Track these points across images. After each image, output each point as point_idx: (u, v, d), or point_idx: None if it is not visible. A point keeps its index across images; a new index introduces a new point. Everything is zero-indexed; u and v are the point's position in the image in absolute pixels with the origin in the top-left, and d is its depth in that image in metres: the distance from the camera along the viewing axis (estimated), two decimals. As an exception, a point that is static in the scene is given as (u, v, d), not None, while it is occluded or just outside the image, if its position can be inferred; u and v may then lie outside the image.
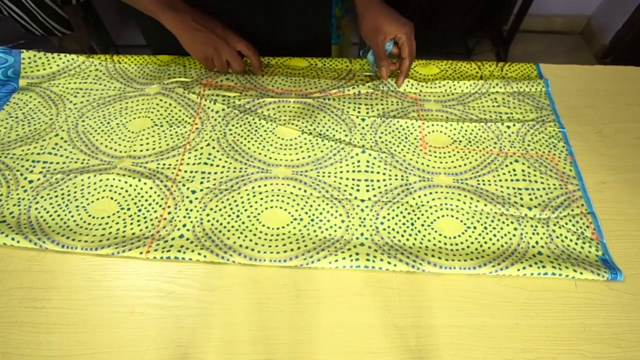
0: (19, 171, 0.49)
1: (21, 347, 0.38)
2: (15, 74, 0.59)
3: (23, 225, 0.44)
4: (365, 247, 0.44)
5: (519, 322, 0.40)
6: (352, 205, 0.47)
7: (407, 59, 0.55)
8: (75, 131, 0.54)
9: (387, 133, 0.55)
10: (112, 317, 0.40)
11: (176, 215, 0.46)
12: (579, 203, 0.48)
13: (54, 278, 0.42)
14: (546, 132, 0.55)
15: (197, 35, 0.55)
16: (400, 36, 0.53)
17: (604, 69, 0.64)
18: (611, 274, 0.42)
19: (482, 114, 0.57)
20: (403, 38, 0.53)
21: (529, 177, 0.50)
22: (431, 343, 0.39)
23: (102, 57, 0.62)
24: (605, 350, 0.38)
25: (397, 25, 0.53)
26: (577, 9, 1.77)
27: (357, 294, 0.41)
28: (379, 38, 0.54)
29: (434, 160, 0.52)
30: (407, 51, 0.54)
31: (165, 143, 0.53)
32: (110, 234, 0.44)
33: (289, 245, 0.44)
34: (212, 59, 0.57)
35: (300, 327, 0.39)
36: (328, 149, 0.53)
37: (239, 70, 0.59)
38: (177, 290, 0.41)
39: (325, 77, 0.61)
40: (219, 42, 0.56)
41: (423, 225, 0.46)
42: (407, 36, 0.53)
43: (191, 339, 0.38)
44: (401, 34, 0.53)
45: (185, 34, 0.55)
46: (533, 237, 0.45)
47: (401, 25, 0.53)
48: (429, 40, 1.75)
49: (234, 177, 0.50)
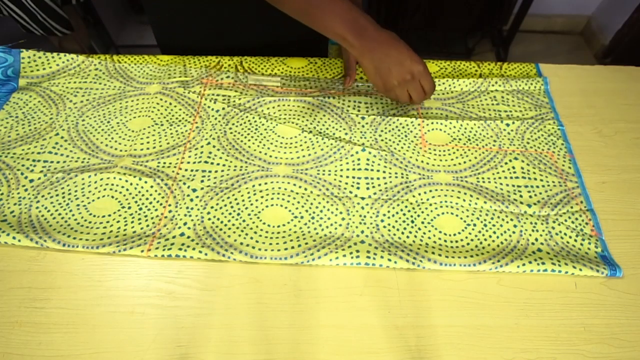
0: (20, 170, 0.49)
1: (21, 347, 0.38)
2: (15, 74, 0.59)
3: (24, 224, 0.44)
4: (366, 244, 0.44)
5: (519, 322, 0.40)
6: (352, 203, 0.47)
7: None
8: (76, 130, 0.54)
9: (387, 131, 0.55)
10: (112, 317, 0.40)
11: (177, 214, 0.46)
12: (578, 200, 0.48)
13: (54, 278, 0.42)
14: (545, 130, 0.55)
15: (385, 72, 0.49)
16: None
17: (604, 69, 0.64)
18: (610, 270, 0.42)
19: (481, 112, 0.57)
20: None
21: (528, 174, 0.50)
22: (431, 343, 0.39)
23: (102, 56, 0.62)
24: (605, 350, 0.38)
25: None
26: (577, 9, 1.77)
27: (357, 294, 0.41)
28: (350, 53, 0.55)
29: (433, 158, 0.52)
30: None
31: (165, 142, 0.53)
32: (111, 232, 0.44)
33: (289, 242, 0.44)
34: (395, 89, 0.51)
35: (300, 327, 0.39)
36: (328, 147, 0.53)
37: (418, 103, 0.54)
38: (177, 290, 0.41)
39: (325, 76, 0.61)
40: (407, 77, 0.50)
41: (423, 223, 0.46)
42: None
43: (191, 339, 0.38)
44: None
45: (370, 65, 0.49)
46: (532, 234, 0.45)
47: None
48: (429, 40, 1.75)
49: (235, 175, 0.50)
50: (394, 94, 0.51)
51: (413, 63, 0.49)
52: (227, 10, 0.58)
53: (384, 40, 0.48)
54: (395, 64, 0.48)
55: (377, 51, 0.48)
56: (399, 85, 0.50)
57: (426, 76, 0.50)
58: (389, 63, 0.48)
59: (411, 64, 0.49)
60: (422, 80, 0.50)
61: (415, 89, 0.51)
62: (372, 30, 0.48)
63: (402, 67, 0.49)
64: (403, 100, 0.52)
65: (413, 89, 0.50)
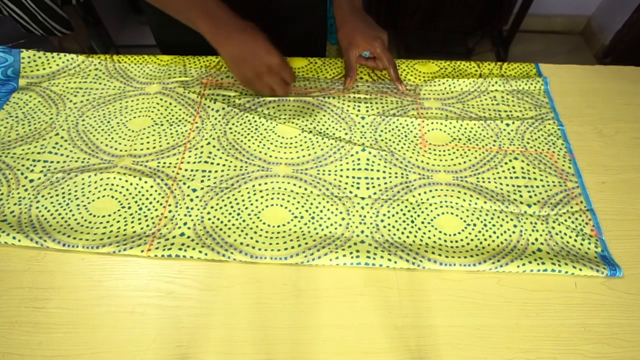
0: (20, 170, 0.49)
1: (21, 347, 0.38)
2: (15, 74, 0.59)
3: (24, 224, 0.44)
4: (366, 244, 0.44)
5: (519, 322, 0.40)
6: (352, 203, 0.47)
7: (389, 67, 0.58)
8: (76, 130, 0.54)
9: (387, 131, 0.55)
10: (112, 317, 0.40)
11: (177, 214, 0.46)
12: (578, 200, 0.48)
13: (54, 278, 0.42)
14: (545, 130, 0.55)
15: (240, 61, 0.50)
16: (374, 50, 0.57)
17: (604, 69, 0.64)
18: (610, 270, 0.42)
19: (481, 112, 0.57)
20: (377, 51, 0.57)
21: (528, 174, 0.50)
22: (431, 343, 0.39)
23: (102, 56, 0.62)
24: (605, 350, 0.38)
25: (369, 39, 0.57)
26: (577, 9, 1.77)
27: (357, 294, 0.41)
28: (351, 52, 0.57)
29: (433, 158, 0.52)
30: (385, 61, 0.58)
31: (165, 142, 0.53)
32: (112, 232, 0.44)
33: (289, 242, 0.44)
34: (253, 82, 0.53)
35: (300, 327, 0.39)
36: (328, 147, 0.53)
37: (283, 95, 0.55)
38: (177, 290, 0.41)
39: (325, 76, 0.61)
40: (262, 69, 0.51)
41: (423, 223, 0.46)
42: (380, 48, 0.57)
43: (191, 339, 0.38)
44: (374, 47, 0.57)
45: (227, 55, 0.50)
46: (532, 234, 0.45)
47: (373, 40, 0.57)
48: (429, 40, 1.75)
49: (235, 175, 0.50)
50: (252, 87, 0.53)
51: (268, 56, 0.49)
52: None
53: (240, 30, 0.48)
54: (250, 55, 0.49)
55: (233, 41, 0.48)
56: (256, 78, 0.51)
57: (284, 69, 0.51)
58: (244, 53, 0.49)
59: (266, 57, 0.49)
60: (282, 72, 0.51)
61: (275, 82, 0.51)
62: (228, 19, 0.48)
63: (257, 59, 0.49)
64: (265, 93, 0.53)
65: (274, 82, 0.51)
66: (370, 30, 0.58)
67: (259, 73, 0.50)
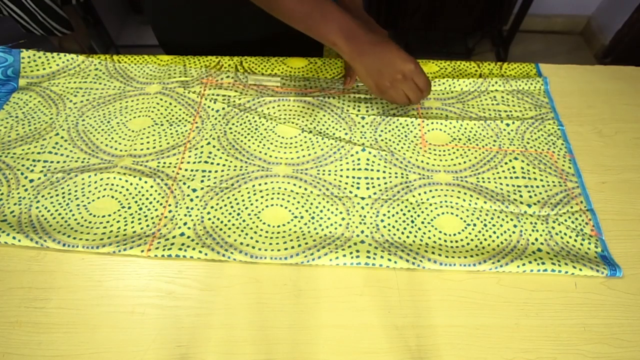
0: (20, 170, 0.49)
1: (21, 347, 0.38)
2: (15, 74, 0.59)
3: (24, 224, 0.44)
4: (366, 244, 0.44)
5: (519, 322, 0.40)
6: (352, 203, 0.47)
7: None
8: (76, 130, 0.54)
9: (387, 131, 0.55)
10: (112, 317, 0.40)
11: (177, 214, 0.46)
12: (578, 200, 0.48)
13: (54, 278, 0.42)
14: (545, 130, 0.55)
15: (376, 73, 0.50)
16: None
17: (604, 69, 0.64)
18: (610, 270, 0.42)
19: (481, 112, 0.57)
20: None
21: (528, 174, 0.50)
22: (431, 343, 0.39)
23: (102, 56, 0.62)
24: (605, 350, 0.38)
25: None
26: (577, 9, 1.77)
27: (357, 294, 0.41)
28: None
29: (433, 158, 0.52)
30: None
31: (165, 142, 0.53)
32: (112, 232, 0.44)
33: (289, 242, 0.44)
34: (388, 90, 0.51)
35: (300, 327, 0.39)
36: (328, 147, 0.53)
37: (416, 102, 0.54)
38: (177, 290, 0.41)
39: (325, 76, 0.61)
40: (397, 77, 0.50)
41: (423, 223, 0.46)
42: None
43: (191, 339, 0.38)
44: None
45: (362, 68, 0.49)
46: (532, 234, 0.45)
47: None
48: (429, 40, 1.75)
49: (235, 175, 0.50)
50: (389, 96, 0.51)
51: (403, 62, 0.49)
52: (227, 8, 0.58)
53: (374, 43, 0.48)
54: (385, 65, 0.49)
55: (367, 54, 0.48)
56: (391, 87, 0.50)
57: (418, 74, 0.50)
58: (379, 65, 0.48)
59: (401, 64, 0.49)
60: (415, 78, 0.50)
61: (410, 88, 0.50)
62: (362, 35, 0.48)
63: (392, 68, 0.49)
64: (400, 101, 0.52)
65: (408, 88, 0.50)
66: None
67: (394, 81, 0.50)
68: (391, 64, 0.49)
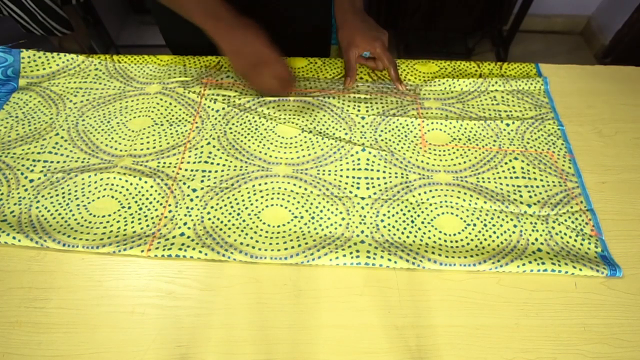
0: (20, 170, 0.49)
1: (21, 347, 0.38)
2: (15, 74, 0.59)
3: (24, 224, 0.44)
4: (366, 244, 0.44)
5: (519, 322, 0.40)
6: (352, 203, 0.47)
7: (390, 67, 0.58)
8: (76, 130, 0.54)
9: (387, 131, 0.55)
10: (112, 317, 0.40)
11: (177, 214, 0.46)
12: (578, 200, 0.48)
13: (54, 278, 0.42)
14: (545, 130, 0.55)
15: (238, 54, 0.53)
16: (374, 50, 0.57)
17: (603, 69, 0.64)
18: (610, 270, 0.42)
19: (481, 112, 0.57)
20: (377, 51, 0.57)
21: (528, 174, 0.50)
22: (431, 343, 0.39)
23: (102, 56, 0.62)
24: (605, 350, 0.38)
25: (369, 40, 0.57)
26: (577, 9, 1.77)
27: (357, 294, 0.41)
28: (351, 52, 0.58)
29: (433, 158, 0.52)
30: (385, 62, 0.58)
31: (165, 142, 0.53)
32: (112, 232, 0.44)
33: (289, 242, 0.44)
34: (249, 73, 0.54)
35: (300, 327, 0.39)
36: (328, 147, 0.53)
37: (281, 91, 0.56)
38: (177, 290, 0.41)
39: (325, 76, 0.61)
40: (257, 61, 0.53)
41: (423, 223, 0.46)
42: (380, 48, 0.57)
43: (191, 339, 0.38)
44: (374, 48, 0.57)
45: (226, 48, 0.52)
46: (532, 234, 0.45)
47: (373, 40, 0.57)
48: (429, 40, 1.75)
49: (235, 175, 0.50)
50: (251, 80, 0.54)
51: (262, 46, 0.51)
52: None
53: (237, 25, 0.51)
54: (245, 45, 0.51)
55: (230, 35, 0.51)
56: (253, 70, 0.52)
57: (277, 61, 0.52)
58: (238, 45, 0.51)
59: (262, 48, 0.51)
60: (276, 64, 0.52)
61: (268, 74, 0.53)
62: (228, 18, 0.51)
63: (251, 49, 0.51)
64: (262, 87, 0.55)
65: (267, 74, 0.53)
66: (371, 30, 0.58)
67: (254, 64, 0.52)
68: (250, 45, 0.51)
